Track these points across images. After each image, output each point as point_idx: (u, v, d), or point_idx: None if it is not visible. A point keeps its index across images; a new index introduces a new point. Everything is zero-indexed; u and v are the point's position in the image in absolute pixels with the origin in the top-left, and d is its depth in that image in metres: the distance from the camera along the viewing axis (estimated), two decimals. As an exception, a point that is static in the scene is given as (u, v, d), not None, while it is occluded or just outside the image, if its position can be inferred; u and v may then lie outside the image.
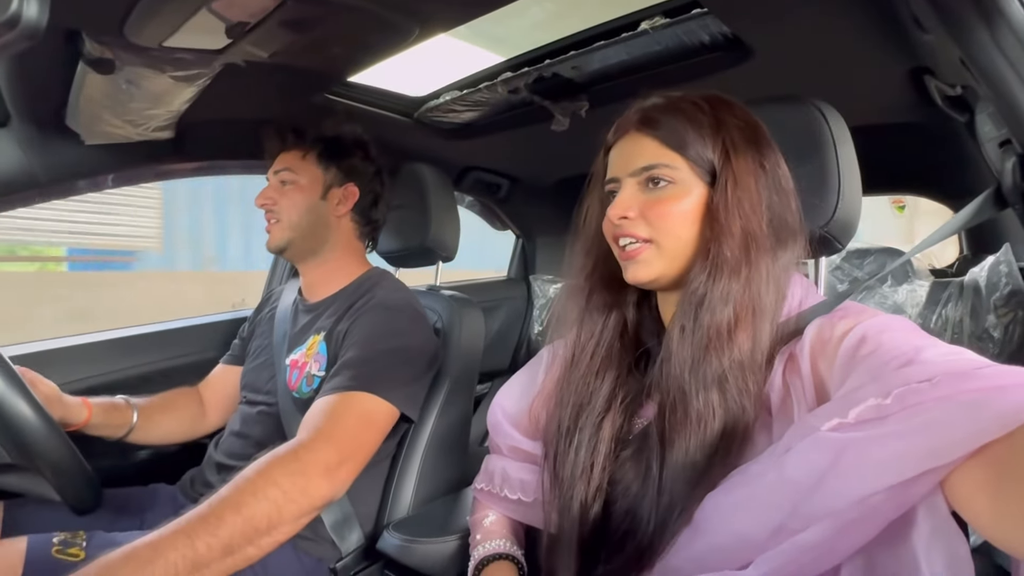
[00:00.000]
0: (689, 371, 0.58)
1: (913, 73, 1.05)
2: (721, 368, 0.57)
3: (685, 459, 0.57)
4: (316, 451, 0.78)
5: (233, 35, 0.82)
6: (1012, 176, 0.56)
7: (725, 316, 0.58)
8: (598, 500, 0.65)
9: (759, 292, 0.58)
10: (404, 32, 0.95)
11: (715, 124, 0.62)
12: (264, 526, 0.70)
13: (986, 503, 0.37)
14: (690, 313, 0.60)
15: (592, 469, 0.66)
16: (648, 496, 0.59)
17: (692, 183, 0.62)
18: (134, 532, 0.81)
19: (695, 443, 0.57)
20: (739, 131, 0.62)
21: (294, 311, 1.13)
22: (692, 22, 0.97)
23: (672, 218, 0.61)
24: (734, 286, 0.58)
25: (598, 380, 0.69)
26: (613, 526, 0.63)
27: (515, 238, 2.23)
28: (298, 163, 1.08)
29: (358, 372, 0.89)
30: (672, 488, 0.57)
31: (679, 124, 0.62)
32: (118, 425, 1.05)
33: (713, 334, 0.58)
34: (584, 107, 1.28)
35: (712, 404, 0.57)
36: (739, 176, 0.60)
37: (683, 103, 0.64)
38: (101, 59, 0.82)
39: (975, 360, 0.44)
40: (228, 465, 1.02)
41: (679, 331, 0.60)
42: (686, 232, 0.61)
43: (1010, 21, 0.51)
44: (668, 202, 0.61)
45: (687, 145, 0.61)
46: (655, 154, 0.62)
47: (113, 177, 1.20)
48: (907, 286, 1.45)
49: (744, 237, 0.59)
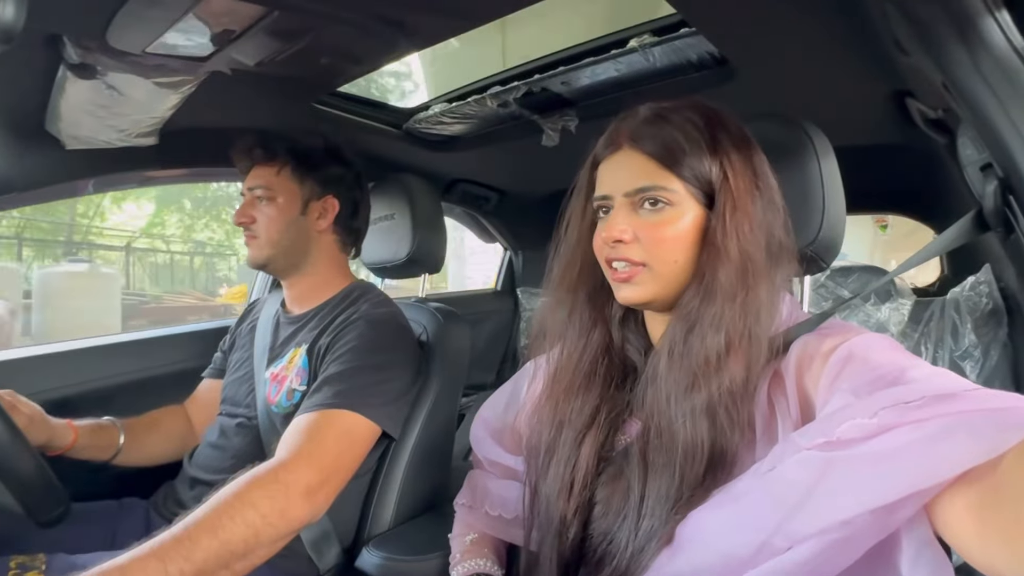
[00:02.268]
0: (676, 396, 0.57)
1: (895, 95, 1.07)
2: (710, 397, 0.55)
3: (668, 485, 0.55)
4: (296, 472, 0.76)
5: (219, 43, 0.81)
6: (993, 199, 0.56)
7: (716, 343, 0.56)
8: (578, 518, 0.63)
9: (756, 318, 0.56)
10: (392, 44, 0.95)
11: (712, 142, 0.59)
12: (241, 550, 0.68)
13: (972, 527, 0.36)
14: (680, 337, 0.58)
15: (572, 487, 0.64)
16: (628, 518, 0.58)
17: (688, 205, 0.59)
18: (101, 553, 0.78)
19: (679, 470, 0.55)
20: (735, 149, 0.60)
21: (275, 323, 1.10)
22: (680, 41, 0.98)
23: (668, 243, 0.59)
24: (727, 312, 0.56)
25: (581, 396, 0.67)
26: (592, 546, 0.62)
27: (503, 251, 2.23)
28: (272, 179, 1.04)
29: (340, 389, 0.87)
30: (653, 513, 0.56)
31: (675, 142, 0.59)
32: (105, 447, 1.02)
33: (703, 361, 0.56)
34: (573, 122, 1.29)
35: (700, 434, 0.55)
36: (738, 197, 0.58)
37: (676, 117, 0.61)
38: (83, 64, 0.81)
39: (961, 382, 0.43)
40: (202, 480, 0.99)
41: (667, 355, 0.59)
42: (682, 256, 0.59)
43: (990, 46, 0.52)
44: (664, 226, 0.59)
45: (684, 166, 0.59)
46: (651, 174, 0.60)
47: (94, 183, 1.18)
48: (890, 304, 1.47)
49: (742, 261, 0.57)
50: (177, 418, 1.16)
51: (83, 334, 1.24)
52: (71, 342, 1.24)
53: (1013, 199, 0.57)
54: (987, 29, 0.52)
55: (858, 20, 0.83)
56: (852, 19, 0.84)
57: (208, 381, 1.21)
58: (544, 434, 0.69)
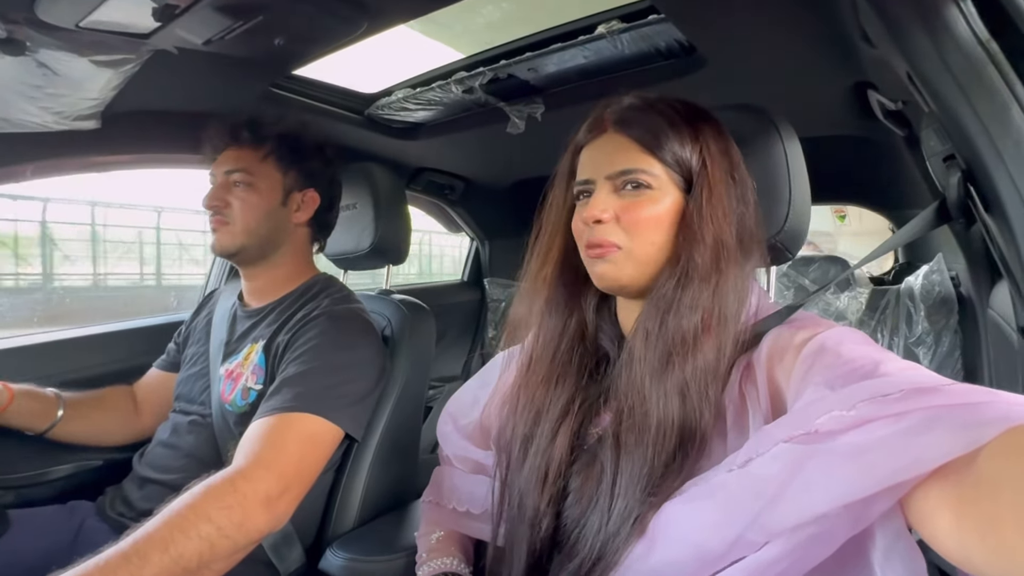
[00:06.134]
0: (651, 377, 0.58)
1: (857, 87, 1.09)
2: (683, 376, 0.56)
3: (641, 465, 0.56)
4: (255, 480, 0.72)
5: (162, 18, 0.75)
6: (956, 190, 0.57)
7: (692, 323, 0.57)
8: (551, 509, 0.63)
9: (726, 300, 0.58)
10: (353, 24, 0.90)
11: (693, 131, 0.61)
12: (194, 565, 0.64)
13: (948, 521, 0.36)
14: (655, 318, 0.59)
15: (547, 477, 0.64)
16: (601, 502, 0.58)
17: (668, 189, 0.61)
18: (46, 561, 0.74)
19: (651, 450, 0.56)
20: (714, 140, 0.62)
21: (232, 317, 1.05)
22: (648, 28, 0.97)
23: (646, 224, 0.60)
24: (703, 293, 0.58)
25: (557, 385, 0.67)
26: (565, 534, 0.62)
27: (469, 241, 2.21)
28: (255, 164, 0.99)
29: (300, 391, 0.84)
30: (626, 494, 0.56)
31: (658, 127, 0.61)
32: (40, 415, 0.97)
33: (679, 340, 0.57)
34: (539, 110, 1.27)
35: (672, 411, 0.56)
36: (714, 185, 0.60)
37: (660, 105, 0.63)
38: (10, 39, 0.75)
39: (936, 376, 0.44)
40: (153, 479, 0.94)
41: (643, 336, 0.60)
42: (659, 238, 0.61)
43: (955, 37, 0.52)
44: (643, 207, 0.60)
45: (666, 149, 0.61)
46: (634, 158, 0.61)
47: (32, 168, 1.10)
48: (848, 293, 1.50)
49: (716, 245, 0.59)
50: (124, 398, 1.11)
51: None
52: (11, 339, 1.16)
53: (974, 190, 0.57)
54: (953, 21, 0.52)
55: (824, 11, 0.84)
56: (819, 10, 0.85)
57: (157, 372, 1.15)
58: (520, 426, 0.69)
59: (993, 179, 0.53)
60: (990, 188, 0.54)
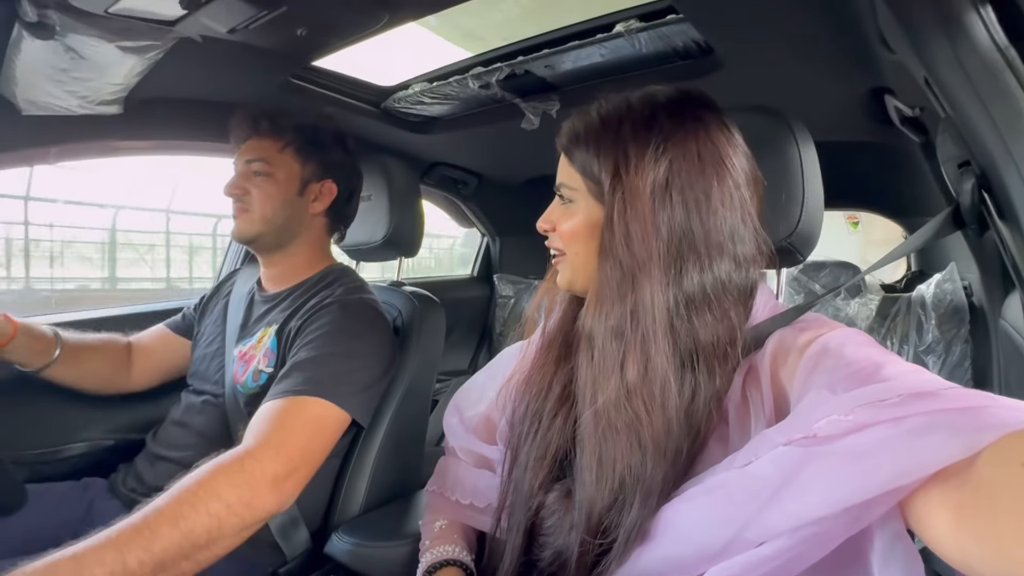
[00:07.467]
0: (591, 396, 0.58)
1: (874, 92, 1.08)
2: (617, 393, 0.56)
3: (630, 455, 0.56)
4: (263, 461, 0.73)
5: (188, 6, 0.77)
6: (971, 196, 0.57)
7: (609, 339, 0.57)
8: (543, 491, 0.64)
9: (644, 319, 0.55)
10: (373, 17, 0.91)
11: (615, 138, 0.57)
12: (203, 541, 0.65)
13: (947, 524, 0.36)
14: (586, 340, 0.60)
15: (545, 457, 0.65)
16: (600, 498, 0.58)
17: (585, 200, 0.60)
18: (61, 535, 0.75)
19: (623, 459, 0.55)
20: (675, 145, 0.56)
21: (249, 300, 1.07)
22: (666, 27, 0.97)
23: (566, 236, 0.62)
24: (616, 309, 0.56)
25: (560, 367, 0.68)
26: (560, 522, 0.62)
27: (480, 236, 2.21)
28: (274, 155, 1.01)
29: (310, 375, 0.85)
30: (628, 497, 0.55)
31: (575, 135, 0.61)
32: (39, 352, 0.98)
33: (605, 355, 0.57)
34: (555, 107, 1.27)
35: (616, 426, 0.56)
36: (632, 194, 0.55)
37: (602, 109, 0.61)
38: (40, 23, 0.76)
39: (936, 380, 0.44)
40: (165, 457, 0.96)
41: (586, 355, 0.60)
42: (581, 248, 0.62)
43: (974, 43, 0.52)
44: (564, 219, 0.62)
45: (578, 161, 0.60)
46: (563, 169, 0.63)
47: (55, 151, 1.12)
48: (859, 299, 1.50)
49: (631, 261, 0.55)
50: (118, 349, 1.12)
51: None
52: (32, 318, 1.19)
53: (989, 196, 0.57)
54: (972, 25, 0.52)
55: (844, 15, 0.83)
56: (838, 14, 0.84)
57: (163, 331, 1.17)
58: (533, 402, 0.70)
59: (1007, 186, 0.53)
60: (1004, 195, 0.54)
